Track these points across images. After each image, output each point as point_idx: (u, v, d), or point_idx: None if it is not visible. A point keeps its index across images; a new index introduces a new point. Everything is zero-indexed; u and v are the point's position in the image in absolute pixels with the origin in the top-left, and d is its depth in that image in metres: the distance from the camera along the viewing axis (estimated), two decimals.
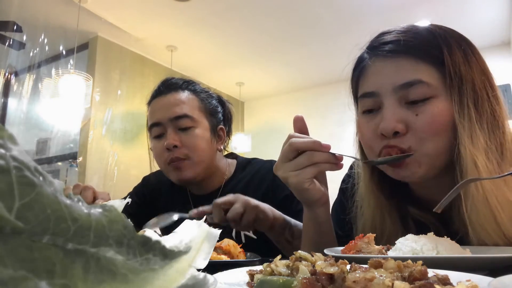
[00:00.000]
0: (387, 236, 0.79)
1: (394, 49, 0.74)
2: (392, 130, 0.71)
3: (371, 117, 0.77)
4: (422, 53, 0.72)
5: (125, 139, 4.16)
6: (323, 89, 5.64)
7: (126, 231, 0.24)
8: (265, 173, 1.24)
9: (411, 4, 3.63)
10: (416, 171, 0.72)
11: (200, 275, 0.35)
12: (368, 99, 0.77)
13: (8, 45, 3.73)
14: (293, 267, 0.39)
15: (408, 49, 0.73)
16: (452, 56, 0.72)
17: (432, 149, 0.71)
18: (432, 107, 0.70)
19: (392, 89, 0.73)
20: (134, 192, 1.40)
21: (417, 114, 0.71)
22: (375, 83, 0.76)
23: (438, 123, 0.70)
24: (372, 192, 0.83)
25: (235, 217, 0.91)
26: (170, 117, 1.18)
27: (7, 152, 0.19)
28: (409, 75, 0.71)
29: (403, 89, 0.72)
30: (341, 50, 4.65)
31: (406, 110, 0.72)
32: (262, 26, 4.04)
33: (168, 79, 1.28)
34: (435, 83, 0.71)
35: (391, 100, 0.73)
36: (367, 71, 0.79)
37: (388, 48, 0.75)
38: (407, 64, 0.72)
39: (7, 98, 4.16)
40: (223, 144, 1.30)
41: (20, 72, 4.29)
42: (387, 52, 0.75)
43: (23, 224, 0.19)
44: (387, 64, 0.75)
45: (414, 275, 0.34)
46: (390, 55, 0.74)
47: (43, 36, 3.81)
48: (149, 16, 3.82)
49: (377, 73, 0.76)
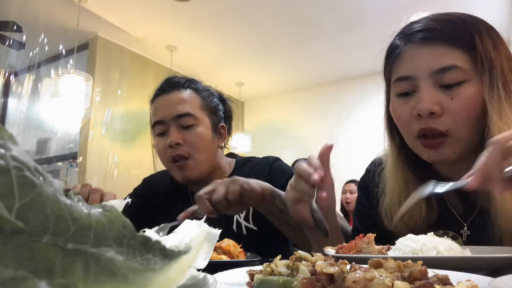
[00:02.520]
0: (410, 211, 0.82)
1: (429, 36, 0.78)
2: (428, 111, 0.74)
3: (406, 100, 0.80)
4: (455, 40, 0.76)
5: (125, 139, 4.16)
6: (323, 89, 5.64)
7: (126, 231, 0.24)
8: (261, 168, 1.26)
9: (411, 4, 3.63)
10: (451, 152, 0.76)
11: (200, 275, 0.35)
12: (403, 83, 0.81)
13: (8, 45, 3.73)
14: (293, 267, 0.39)
15: (443, 36, 0.77)
16: (482, 42, 0.76)
17: (466, 131, 0.75)
18: (465, 91, 0.74)
19: (428, 74, 0.76)
20: (134, 193, 1.40)
21: (452, 98, 0.75)
22: (411, 67, 0.79)
23: (471, 106, 0.74)
24: (399, 168, 0.87)
25: (219, 199, 0.88)
26: (173, 115, 1.20)
27: (7, 152, 0.19)
28: (445, 61, 0.75)
29: (438, 74, 0.75)
30: (341, 50, 4.65)
31: (442, 94, 0.75)
32: (262, 26, 4.05)
33: (170, 77, 1.30)
34: (468, 68, 0.75)
35: (427, 83, 0.77)
36: (402, 57, 0.82)
37: (422, 35, 0.79)
38: (442, 50, 0.76)
39: (7, 98, 4.16)
40: (224, 142, 1.32)
41: (20, 72, 4.29)
42: (421, 39, 0.79)
43: (23, 224, 0.19)
44: (422, 50, 0.78)
45: (414, 275, 0.34)
46: (425, 42, 0.78)
47: (43, 36, 3.82)
48: (149, 16, 3.82)
49: (412, 58, 0.80)
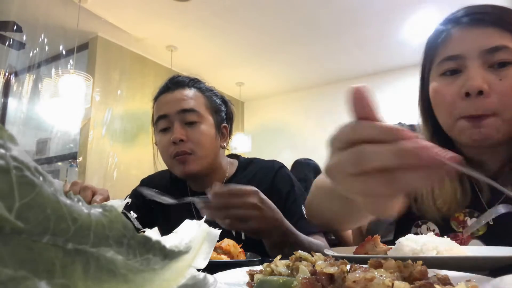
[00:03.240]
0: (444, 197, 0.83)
1: (478, 18, 0.79)
2: (478, 88, 0.74)
3: (453, 79, 0.80)
4: (504, 23, 0.77)
5: (125, 139, 4.16)
6: (323, 89, 5.64)
7: (126, 231, 0.24)
8: (266, 172, 1.26)
9: (411, 4, 3.63)
10: (494, 132, 0.76)
11: (200, 275, 0.35)
12: (450, 62, 0.80)
13: (8, 45, 3.73)
14: (293, 267, 0.39)
15: (493, 19, 0.77)
16: None
17: (510, 115, 0.75)
18: None
19: (479, 53, 0.76)
20: (132, 194, 1.40)
21: (500, 79, 0.75)
22: (460, 47, 0.79)
23: None
24: None
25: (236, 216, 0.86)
26: (178, 110, 1.20)
27: (7, 152, 0.19)
28: (495, 41, 0.76)
29: (488, 54, 0.76)
30: (341, 50, 4.65)
31: (490, 74, 0.76)
32: (262, 26, 4.04)
33: (175, 76, 1.31)
34: None
35: (476, 63, 0.77)
36: (450, 38, 0.82)
37: (471, 18, 0.80)
38: (492, 32, 0.77)
39: (7, 98, 4.16)
40: (225, 142, 1.32)
41: (20, 72, 4.28)
42: (470, 20, 0.79)
43: (23, 224, 0.19)
44: (473, 31, 0.79)
45: (414, 275, 0.34)
46: (474, 24, 0.79)
47: (43, 36, 3.81)
48: (149, 16, 3.82)
49: (462, 38, 0.80)
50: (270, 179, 1.23)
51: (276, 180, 1.22)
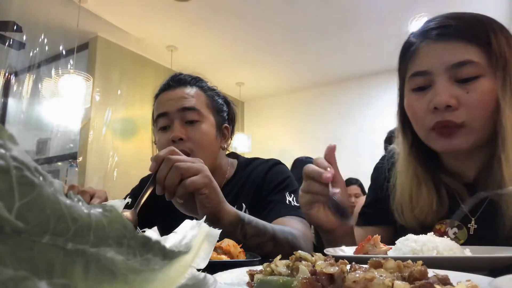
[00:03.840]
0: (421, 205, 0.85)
1: (445, 32, 0.80)
2: (445, 104, 0.77)
3: (422, 94, 0.82)
4: (471, 36, 0.78)
5: (125, 139, 4.16)
6: (323, 90, 5.64)
7: (126, 231, 0.24)
8: (260, 170, 1.25)
9: (410, 4, 3.63)
10: (463, 143, 0.79)
11: (200, 275, 0.35)
12: (419, 78, 0.83)
13: (8, 45, 3.73)
14: (293, 267, 0.39)
15: (458, 32, 0.79)
16: (497, 39, 0.78)
17: (480, 123, 0.77)
18: (481, 86, 0.76)
19: (445, 68, 0.78)
20: (132, 194, 1.39)
21: (468, 92, 0.76)
22: (427, 62, 0.81)
23: (486, 100, 0.76)
24: (410, 163, 0.89)
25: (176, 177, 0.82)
26: (178, 108, 1.18)
27: (7, 152, 0.19)
28: (461, 56, 0.77)
29: (454, 69, 0.77)
30: (341, 51, 4.65)
31: (458, 88, 0.77)
32: (262, 26, 4.04)
33: (177, 74, 1.28)
34: (483, 63, 0.77)
35: (443, 78, 0.79)
36: (418, 53, 0.84)
37: (438, 32, 0.81)
38: (458, 46, 0.78)
39: (7, 98, 4.16)
40: (226, 143, 1.30)
41: (20, 72, 4.29)
42: (437, 35, 0.81)
43: (23, 224, 0.19)
44: (438, 46, 0.80)
45: (414, 275, 0.34)
46: (441, 38, 0.80)
47: (43, 36, 3.81)
48: (149, 16, 3.82)
49: (429, 54, 0.82)
50: (263, 174, 1.22)
51: (269, 174, 1.22)
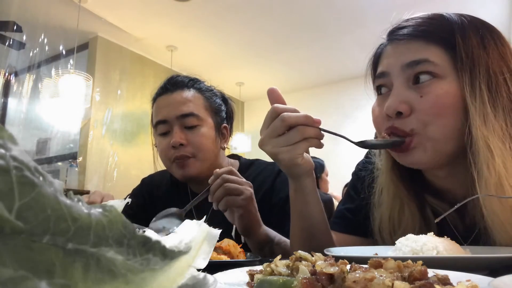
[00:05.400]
0: (404, 228, 0.79)
1: (407, 33, 0.77)
2: (394, 110, 0.72)
3: (382, 99, 0.78)
4: (431, 35, 0.74)
5: (125, 139, 4.16)
6: (323, 89, 5.64)
7: (126, 231, 0.24)
8: (267, 175, 1.25)
9: (411, 4, 3.63)
10: (422, 156, 0.72)
11: (200, 275, 0.35)
12: (380, 79, 0.80)
13: (8, 45, 3.73)
14: (293, 267, 0.39)
15: (420, 32, 0.75)
16: (465, 40, 0.72)
17: (437, 133, 0.70)
18: (437, 89, 0.70)
19: (400, 68, 0.74)
20: (133, 194, 1.40)
21: (421, 96, 0.71)
22: (387, 63, 0.78)
23: (443, 104, 0.70)
24: (392, 181, 0.83)
25: None
26: (177, 115, 1.18)
27: (7, 152, 0.19)
28: (417, 55, 0.73)
29: (409, 68, 0.73)
30: (341, 51, 4.65)
31: (412, 92, 0.72)
32: (262, 26, 4.04)
33: (173, 76, 1.28)
34: (443, 64, 0.71)
35: (400, 80, 0.75)
36: (382, 55, 0.82)
37: (402, 33, 0.78)
38: (416, 45, 0.74)
39: (7, 98, 4.16)
40: (226, 143, 1.31)
41: (20, 72, 4.28)
42: (401, 36, 0.77)
43: (23, 224, 0.19)
44: (399, 46, 0.77)
45: (414, 275, 0.34)
46: (403, 39, 0.77)
47: (43, 36, 3.81)
48: (149, 16, 3.82)
49: (390, 55, 0.79)
50: (270, 181, 1.22)
51: (277, 183, 1.21)
